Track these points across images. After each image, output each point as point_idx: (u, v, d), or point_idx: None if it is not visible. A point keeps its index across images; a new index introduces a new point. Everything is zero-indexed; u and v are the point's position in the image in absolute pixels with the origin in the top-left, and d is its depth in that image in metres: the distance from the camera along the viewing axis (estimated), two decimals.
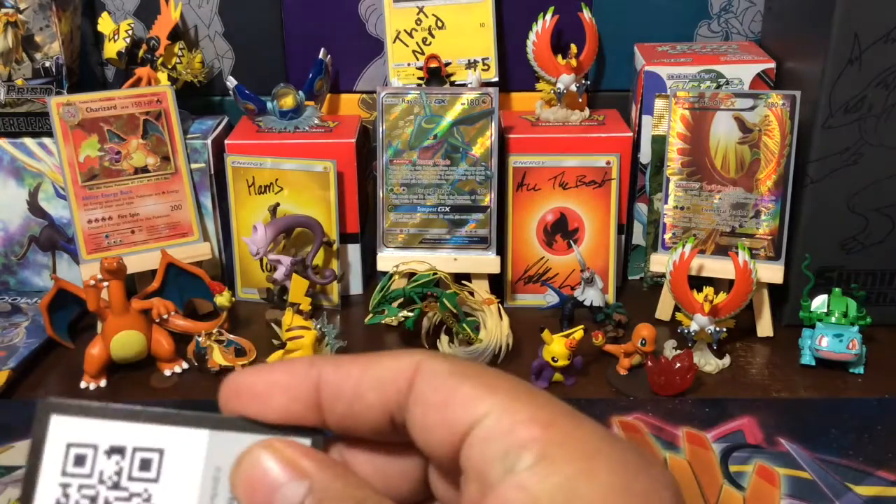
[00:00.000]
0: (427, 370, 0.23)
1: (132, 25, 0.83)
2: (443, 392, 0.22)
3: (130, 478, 0.24)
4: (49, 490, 0.24)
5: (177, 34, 0.86)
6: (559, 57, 0.83)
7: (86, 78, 0.87)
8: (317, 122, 0.83)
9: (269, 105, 0.83)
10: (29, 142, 0.82)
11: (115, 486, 0.24)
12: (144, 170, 0.80)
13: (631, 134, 0.82)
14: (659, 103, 0.81)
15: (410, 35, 0.86)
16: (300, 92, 0.83)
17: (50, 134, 0.79)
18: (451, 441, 0.22)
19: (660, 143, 0.81)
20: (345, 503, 0.22)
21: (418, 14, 0.85)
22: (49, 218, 0.84)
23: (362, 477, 0.24)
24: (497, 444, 0.21)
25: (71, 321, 0.77)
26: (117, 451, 0.24)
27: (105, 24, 0.84)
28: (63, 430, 0.24)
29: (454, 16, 0.85)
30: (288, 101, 0.83)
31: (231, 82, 0.83)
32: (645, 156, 0.84)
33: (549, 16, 0.83)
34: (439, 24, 0.86)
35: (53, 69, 0.81)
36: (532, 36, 0.83)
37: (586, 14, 0.84)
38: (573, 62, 0.82)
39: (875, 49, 0.69)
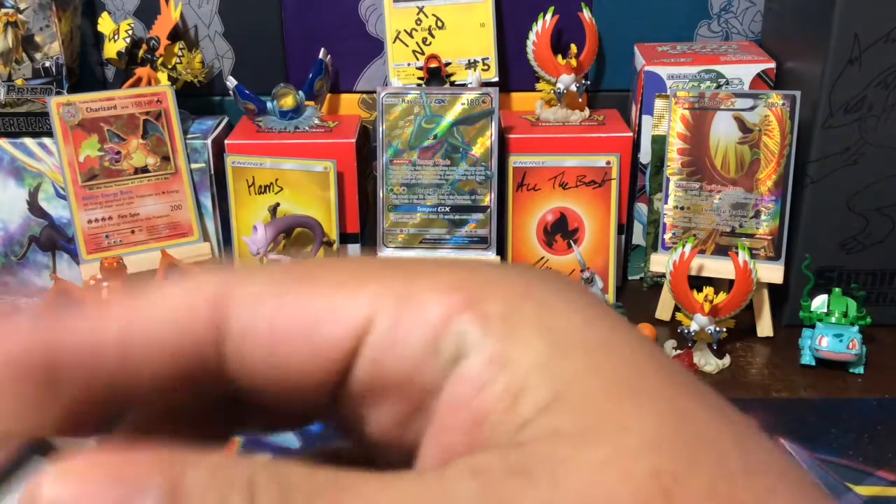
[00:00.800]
0: (239, 299, 0.17)
1: (132, 25, 0.83)
2: (269, 310, 0.17)
3: None
4: None
5: (177, 34, 0.86)
6: (559, 57, 0.83)
7: (86, 78, 0.87)
8: (317, 122, 0.83)
9: (269, 105, 0.83)
10: (29, 142, 0.82)
11: None
12: (144, 170, 0.80)
13: (631, 134, 0.82)
14: (659, 103, 0.81)
15: (410, 35, 0.86)
16: (300, 92, 0.83)
17: (50, 134, 0.79)
18: (321, 368, 0.17)
19: (660, 143, 0.81)
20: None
21: (418, 14, 0.85)
22: (49, 218, 0.84)
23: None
24: (401, 345, 0.16)
25: None
26: None
27: (105, 24, 0.84)
28: None
29: (454, 16, 0.85)
30: (288, 101, 0.83)
31: (231, 82, 0.83)
32: (645, 156, 0.84)
33: (549, 16, 0.83)
34: (439, 24, 0.86)
35: (53, 69, 0.81)
36: (532, 36, 0.83)
37: (586, 14, 0.84)
38: (573, 62, 0.82)
39: (875, 49, 0.69)
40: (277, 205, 0.79)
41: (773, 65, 0.80)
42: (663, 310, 0.80)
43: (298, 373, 0.17)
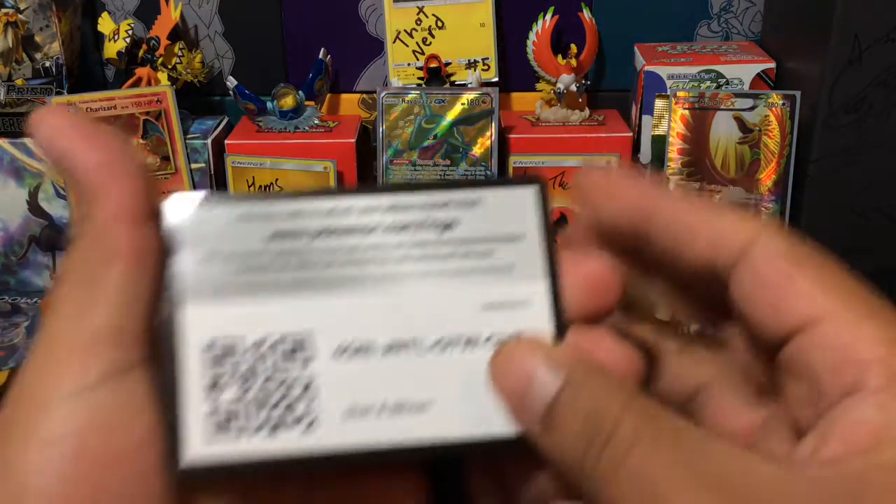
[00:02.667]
0: (766, 242, 0.22)
1: (132, 25, 0.83)
2: (778, 274, 0.22)
3: None
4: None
5: (177, 34, 0.86)
6: (559, 57, 0.83)
7: (86, 78, 0.87)
8: (317, 122, 0.83)
9: (269, 105, 0.83)
10: (29, 142, 0.82)
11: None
12: None
13: (631, 134, 0.82)
14: (659, 103, 0.81)
15: (410, 35, 0.86)
16: (300, 92, 0.83)
17: None
18: (775, 328, 0.22)
19: (660, 143, 0.81)
20: (605, 396, 0.21)
21: (418, 14, 0.85)
22: (49, 218, 0.84)
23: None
24: (835, 355, 0.20)
25: None
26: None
27: (105, 24, 0.84)
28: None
29: (454, 16, 0.85)
30: (288, 101, 0.83)
31: (231, 82, 0.83)
32: (645, 156, 0.84)
33: (549, 16, 0.83)
34: (439, 24, 0.86)
35: (53, 69, 0.81)
36: (532, 36, 0.83)
37: (586, 14, 0.84)
38: (573, 62, 0.82)
39: (875, 49, 0.69)
40: None
41: (773, 65, 0.80)
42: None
43: (760, 317, 0.22)
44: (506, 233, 0.24)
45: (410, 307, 0.23)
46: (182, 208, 0.23)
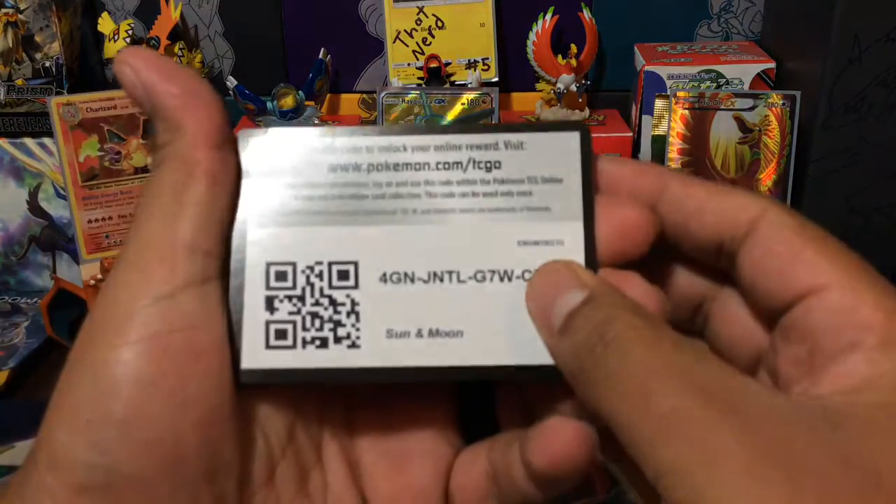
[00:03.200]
0: (773, 218, 0.24)
1: (132, 25, 0.83)
2: (786, 246, 0.23)
3: None
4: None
5: (177, 34, 0.86)
6: (559, 57, 0.83)
7: (86, 78, 0.87)
8: (317, 122, 0.83)
9: (269, 105, 0.83)
10: (29, 142, 0.82)
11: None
12: (144, 170, 0.80)
13: (631, 134, 0.82)
14: (659, 103, 0.81)
15: (410, 35, 0.86)
16: (300, 92, 0.83)
17: (50, 134, 0.79)
18: (781, 295, 0.23)
19: (660, 143, 0.81)
20: (619, 311, 0.23)
21: (418, 14, 0.85)
22: (49, 218, 0.84)
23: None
24: (837, 318, 0.22)
25: (71, 321, 0.77)
26: None
27: (105, 24, 0.84)
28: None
29: (454, 16, 0.85)
30: (288, 101, 0.83)
31: (231, 82, 0.83)
32: (645, 156, 0.84)
33: (549, 16, 0.83)
34: (439, 24, 0.86)
35: (53, 69, 0.81)
36: (532, 36, 0.83)
37: (586, 14, 0.84)
38: (573, 62, 0.82)
39: (875, 49, 0.69)
40: None
41: (773, 65, 0.80)
42: None
43: (766, 288, 0.24)
44: (547, 175, 0.26)
45: (452, 240, 0.25)
46: (254, 138, 0.26)
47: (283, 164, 0.25)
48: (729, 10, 0.88)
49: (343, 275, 0.25)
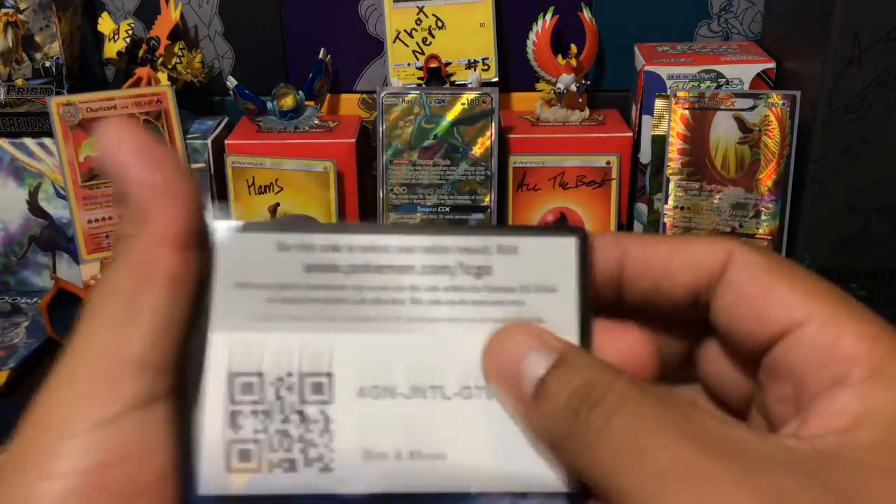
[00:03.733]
0: (742, 259, 0.23)
1: (132, 25, 0.83)
2: (757, 287, 0.23)
3: None
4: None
5: (177, 34, 0.86)
6: (559, 57, 0.83)
7: (86, 78, 0.87)
8: (317, 122, 0.83)
9: (269, 105, 0.83)
10: (29, 142, 0.82)
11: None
12: None
13: (631, 134, 0.82)
14: (659, 103, 0.81)
15: (410, 35, 0.86)
16: (300, 92, 0.83)
17: (50, 134, 0.79)
18: (760, 336, 0.23)
19: (660, 143, 0.81)
20: (599, 372, 0.22)
21: (418, 14, 0.85)
22: (49, 218, 0.84)
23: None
24: (819, 354, 0.21)
25: (71, 321, 0.77)
26: None
27: (105, 24, 0.84)
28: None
29: (454, 16, 0.85)
30: (288, 101, 0.83)
31: (231, 82, 0.83)
32: (645, 156, 0.84)
33: (549, 16, 0.83)
34: (439, 24, 0.86)
35: (53, 69, 0.81)
36: (532, 36, 0.83)
37: (586, 14, 0.84)
38: (573, 62, 0.82)
39: (875, 49, 0.69)
40: (277, 205, 0.79)
41: (773, 65, 0.80)
42: None
43: (745, 332, 0.23)
44: (541, 283, 0.24)
45: (437, 351, 0.23)
46: (222, 235, 0.23)
47: (254, 261, 0.23)
48: (729, 10, 0.88)
49: (317, 388, 0.23)
